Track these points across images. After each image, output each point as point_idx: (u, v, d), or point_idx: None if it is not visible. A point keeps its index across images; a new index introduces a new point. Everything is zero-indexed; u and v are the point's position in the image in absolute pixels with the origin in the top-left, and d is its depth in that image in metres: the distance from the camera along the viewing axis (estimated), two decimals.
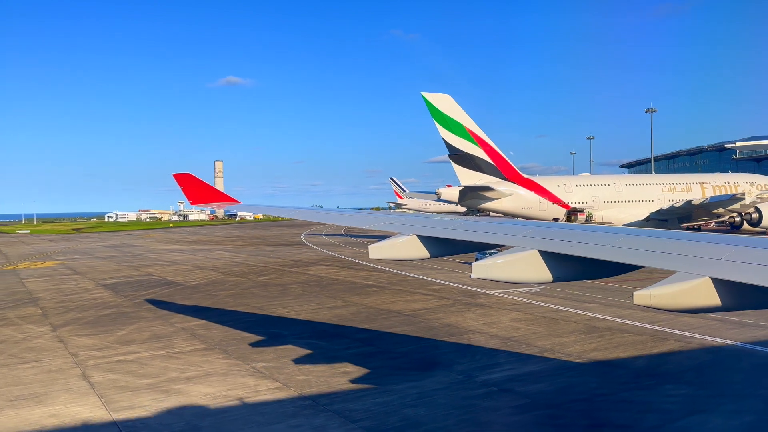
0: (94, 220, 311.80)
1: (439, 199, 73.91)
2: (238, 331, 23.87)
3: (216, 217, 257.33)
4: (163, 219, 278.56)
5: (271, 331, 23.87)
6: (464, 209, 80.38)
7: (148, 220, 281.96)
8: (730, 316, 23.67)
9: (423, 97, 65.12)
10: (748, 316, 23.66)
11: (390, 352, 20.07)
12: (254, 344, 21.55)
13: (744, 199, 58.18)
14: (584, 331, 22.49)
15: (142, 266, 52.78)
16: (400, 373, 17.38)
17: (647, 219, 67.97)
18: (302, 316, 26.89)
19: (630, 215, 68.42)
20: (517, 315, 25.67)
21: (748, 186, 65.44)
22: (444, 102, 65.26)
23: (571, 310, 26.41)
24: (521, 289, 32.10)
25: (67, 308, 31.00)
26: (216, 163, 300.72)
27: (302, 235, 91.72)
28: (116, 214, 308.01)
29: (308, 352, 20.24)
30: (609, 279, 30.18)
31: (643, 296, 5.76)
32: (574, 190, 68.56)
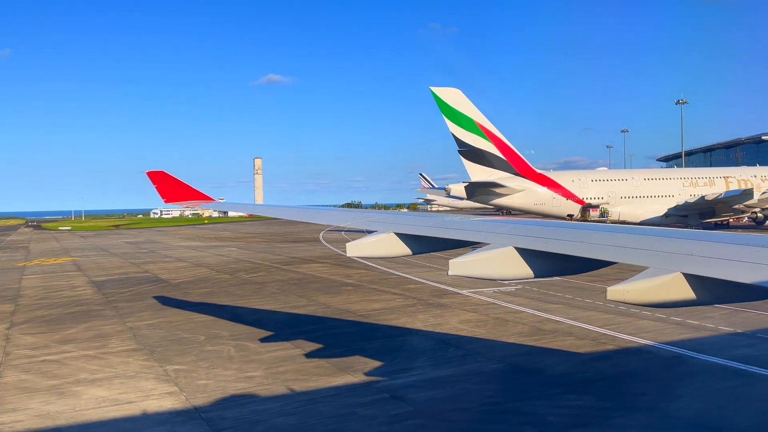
0: (140, 216, 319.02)
1: (448, 195, 73.04)
2: (180, 332, 23.70)
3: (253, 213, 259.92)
4: (204, 215, 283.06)
5: (212, 331, 23.59)
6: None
7: (190, 216, 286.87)
8: (691, 320, 22.47)
9: (432, 92, 64.20)
10: (711, 320, 22.44)
11: (312, 355, 19.52)
12: (186, 345, 21.32)
13: (753, 194, 55.53)
14: (527, 333, 21.56)
15: (145, 263, 53.40)
16: (304, 379, 16.86)
17: (666, 215, 65.69)
18: (255, 317, 26.56)
19: (648, 211, 66.26)
20: (471, 316, 24.82)
21: (758, 181, 62.41)
22: (453, 96, 64.24)
23: (529, 311, 25.42)
24: (494, 289, 31.17)
25: (40, 306, 31.42)
26: (255, 160, 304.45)
27: (323, 232, 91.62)
28: (161, 211, 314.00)
29: (231, 354, 19.87)
30: (595, 278, 28.98)
31: (617, 291, 5.85)
32: (590, 185, 66.73)
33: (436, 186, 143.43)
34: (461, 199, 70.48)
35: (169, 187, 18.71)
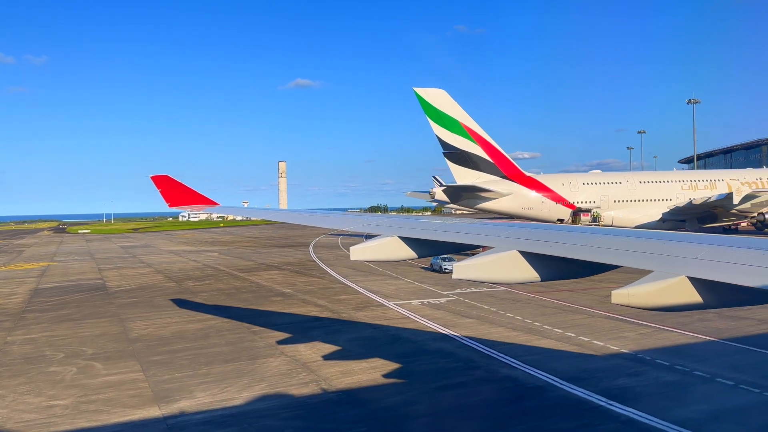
0: (170, 219, 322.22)
1: (433, 199, 70.74)
2: (48, 348, 22.27)
3: None
4: (228, 218, 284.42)
5: (80, 348, 22.04)
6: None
7: (216, 219, 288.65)
8: (599, 340, 20.22)
9: (415, 93, 62.01)
10: (624, 340, 20.18)
11: (149, 380, 17.69)
12: (33, 365, 19.82)
13: (732, 198, 51.95)
14: (406, 354, 19.55)
15: (111, 269, 52.36)
16: (106, 410, 15.09)
17: (662, 219, 62.30)
18: (144, 332, 24.88)
19: (643, 215, 62.93)
20: (370, 333, 22.96)
21: (738, 184, 58.44)
22: (438, 97, 61.99)
23: (435, 326, 23.30)
24: (422, 301, 29.11)
25: None
26: (279, 163, 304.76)
27: (320, 236, 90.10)
28: (188, 214, 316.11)
29: (65, 377, 18.22)
30: (557, 288, 26.56)
31: (621, 295, 5.66)
32: (581, 188, 63.64)
33: None
34: (445, 203, 68.07)
35: (174, 191, 17.96)
